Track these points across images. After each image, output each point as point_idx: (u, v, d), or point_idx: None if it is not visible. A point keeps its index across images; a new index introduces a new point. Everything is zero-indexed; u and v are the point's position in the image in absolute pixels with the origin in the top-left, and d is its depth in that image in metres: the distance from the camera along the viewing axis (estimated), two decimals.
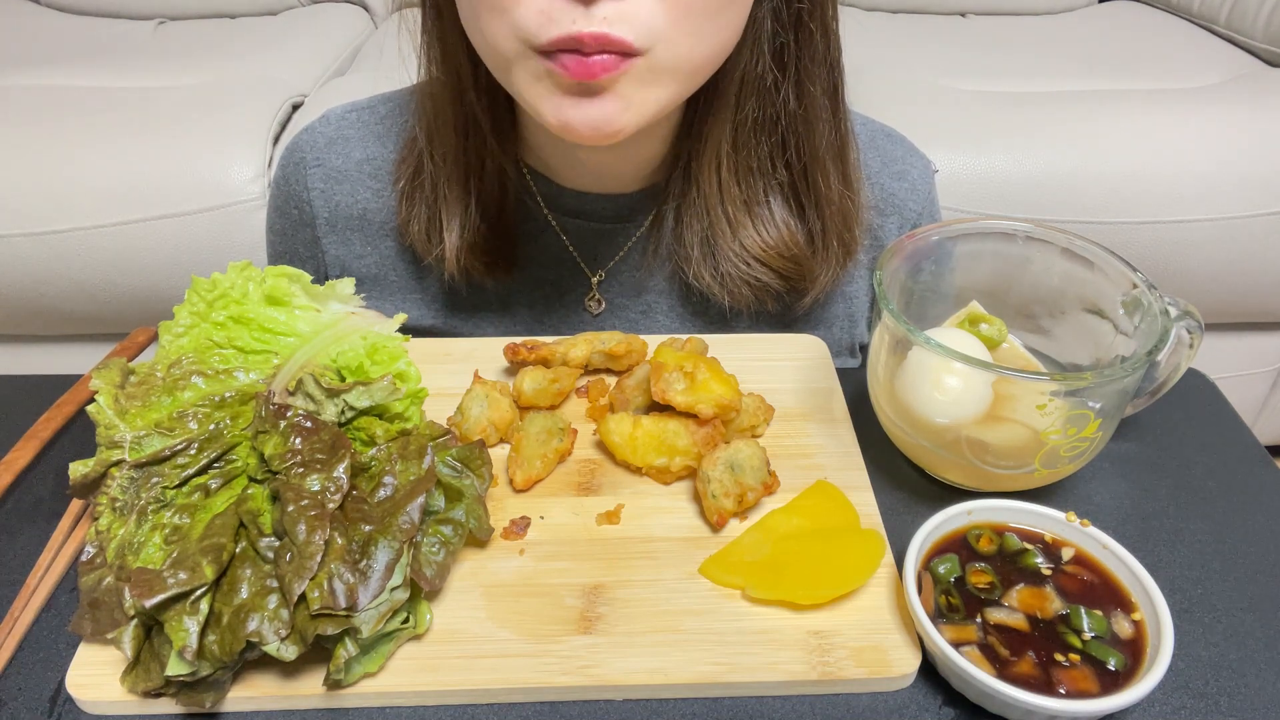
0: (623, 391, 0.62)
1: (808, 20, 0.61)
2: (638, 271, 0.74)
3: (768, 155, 0.66)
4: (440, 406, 0.61)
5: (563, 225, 0.73)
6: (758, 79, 0.62)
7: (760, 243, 0.68)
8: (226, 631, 0.43)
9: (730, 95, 0.63)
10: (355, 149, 0.74)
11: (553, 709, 0.46)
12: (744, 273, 0.68)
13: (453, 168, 0.68)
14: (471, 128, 0.66)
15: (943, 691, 0.47)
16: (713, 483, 0.54)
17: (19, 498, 0.58)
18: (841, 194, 0.68)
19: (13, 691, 0.47)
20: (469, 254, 0.69)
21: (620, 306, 0.75)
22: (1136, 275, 0.56)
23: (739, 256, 0.68)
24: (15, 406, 0.64)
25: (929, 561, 0.49)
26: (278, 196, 0.77)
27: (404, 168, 0.71)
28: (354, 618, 0.43)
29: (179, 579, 0.43)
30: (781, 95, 0.63)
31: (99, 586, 0.47)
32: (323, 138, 0.75)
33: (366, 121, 0.75)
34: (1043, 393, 0.50)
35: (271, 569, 0.45)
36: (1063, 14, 2.00)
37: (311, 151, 0.74)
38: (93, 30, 1.85)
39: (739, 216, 0.67)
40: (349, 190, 0.74)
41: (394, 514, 0.47)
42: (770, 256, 0.68)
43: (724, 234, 0.68)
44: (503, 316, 0.75)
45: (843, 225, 0.69)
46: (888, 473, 0.59)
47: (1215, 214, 1.36)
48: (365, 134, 0.74)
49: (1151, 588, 0.47)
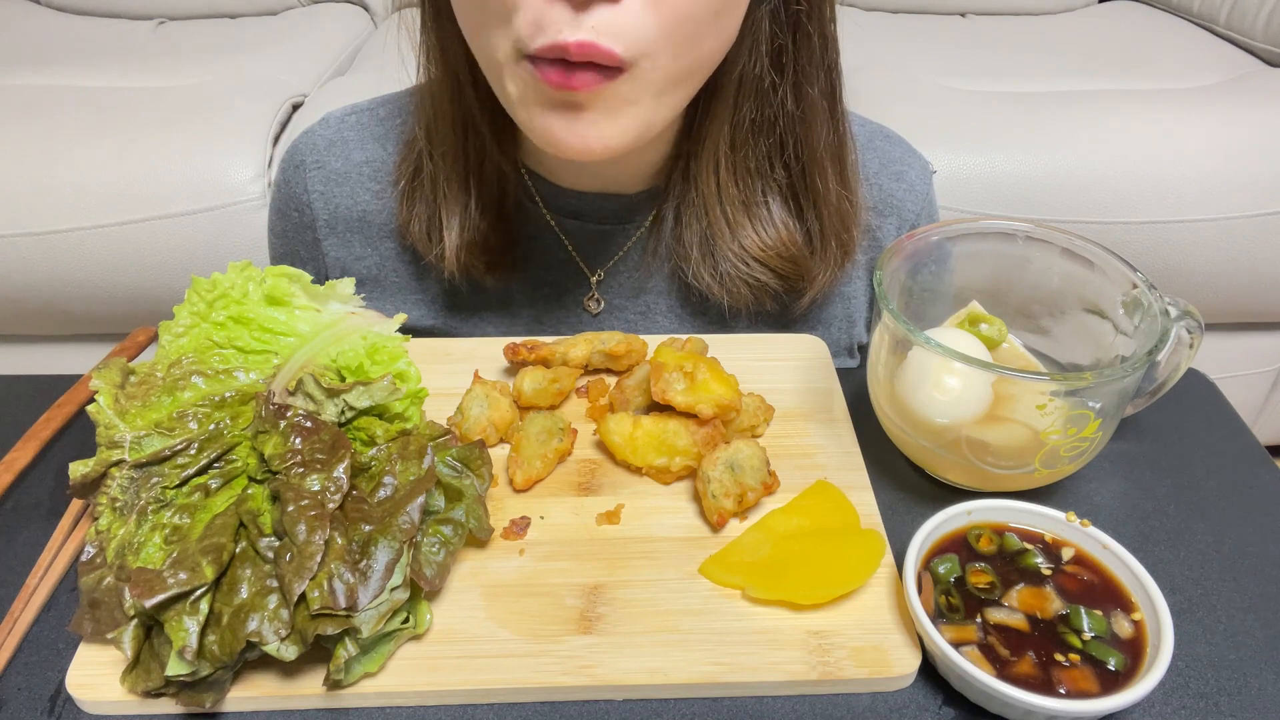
0: (623, 391, 0.62)
1: (806, 22, 0.61)
2: (637, 272, 0.74)
3: (766, 156, 0.66)
4: (440, 406, 0.61)
5: (562, 226, 0.73)
6: (756, 80, 0.62)
7: (759, 243, 0.68)
8: (226, 631, 0.43)
9: (728, 97, 0.63)
10: (355, 151, 0.74)
11: (553, 709, 0.46)
12: (743, 273, 0.69)
13: (452, 168, 0.68)
14: (470, 128, 0.67)
15: (943, 691, 0.47)
16: (713, 483, 0.54)
17: (19, 498, 0.58)
18: (839, 194, 0.68)
19: (13, 691, 0.47)
20: (469, 253, 0.69)
21: (619, 307, 0.75)
22: (1136, 275, 0.56)
23: (738, 256, 0.68)
24: (15, 406, 0.64)
25: (929, 561, 0.49)
26: (278, 199, 0.77)
27: (404, 168, 0.71)
28: (354, 618, 0.43)
29: (179, 579, 0.43)
30: (779, 96, 0.63)
31: (99, 586, 0.47)
32: (322, 140, 0.75)
33: (366, 123, 0.75)
34: (1043, 393, 0.50)
35: (271, 569, 0.45)
36: (1063, 14, 2.00)
37: (311, 154, 0.74)
38: (93, 30, 1.85)
39: (738, 217, 0.68)
40: (349, 192, 0.74)
41: (394, 514, 0.47)
42: (769, 256, 0.68)
43: (723, 234, 0.68)
44: (502, 316, 0.76)
45: (841, 226, 0.69)
46: (888, 473, 0.59)
47: (1215, 214, 1.36)
48: (365, 136, 0.74)
49: (1151, 588, 0.47)
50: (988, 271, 0.62)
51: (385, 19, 2.04)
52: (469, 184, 0.68)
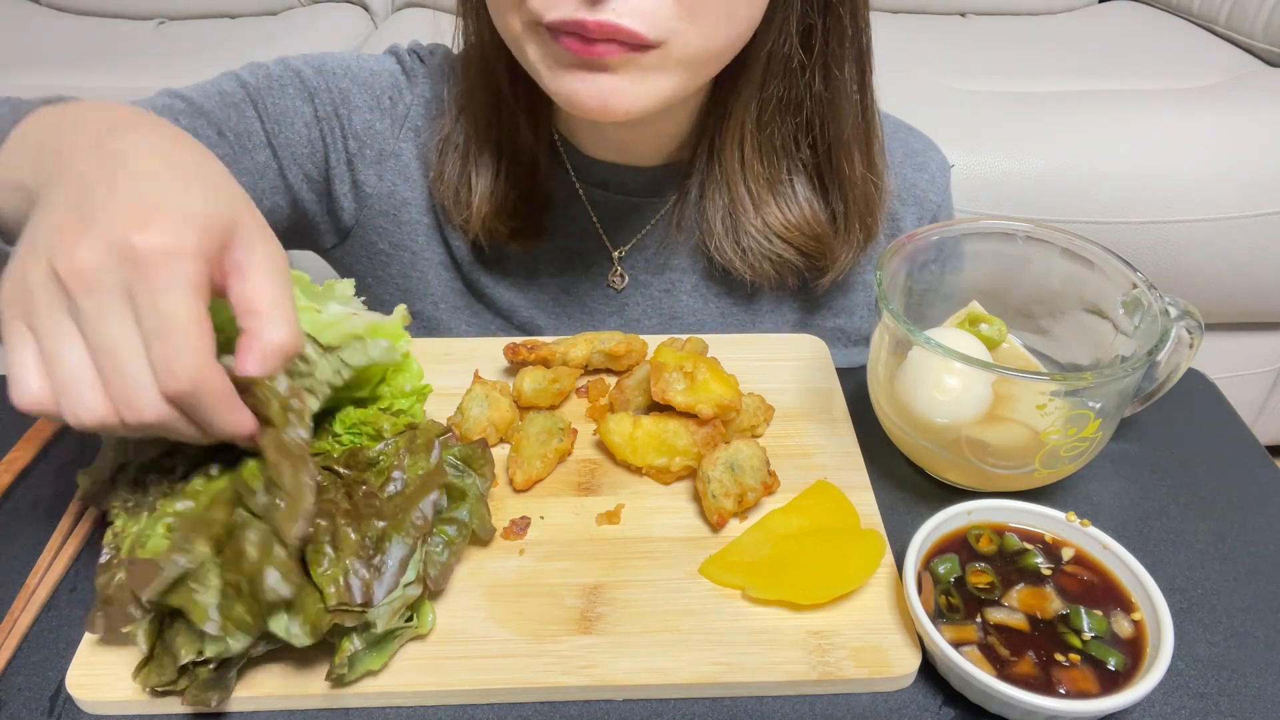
0: (623, 391, 0.62)
1: (837, 4, 0.62)
2: (661, 248, 0.75)
3: (791, 135, 0.67)
4: (440, 406, 0.61)
5: (590, 196, 0.73)
6: (784, 59, 0.63)
7: (783, 220, 0.69)
8: (249, 599, 0.42)
9: (756, 74, 0.63)
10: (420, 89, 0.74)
11: (553, 709, 0.46)
12: (766, 249, 0.70)
13: (485, 134, 0.69)
14: (502, 100, 0.68)
15: (943, 691, 0.47)
16: (713, 483, 0.54)
17: (19, 498, 0.58)
18: (865, 177, 0.69)
19: (13, 691, 0.47)
20: (494, 218, 0.70)
21: (644, 283, 0.76)
22: (1136, 275, 0.56)
23: (761, 233, 0.69)
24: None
25: (929, 561, 0.49)
26: (380, 75, 0.73)
27: (440, 131, 0.71)
28: (368, 613, 0.44)
29: (175, 563, 0.43)
30: (807, 77, 0.64)
31: (111, 583, 0.46)
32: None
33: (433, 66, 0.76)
34: (1043, 393, 0.50)
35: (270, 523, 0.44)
36: (1063, 14, 2.00)
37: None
38: (93, 30, 1.85)
39: (761, 194, 0.69)
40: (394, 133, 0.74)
41: (406, 510, 0.47)
42: (792, 234, 0.69)
43: (746, 210, 0.69)
44: (529, 288, 0.76)
45: (865, 209, 0.70)
46: (888, 473, 0.59)
47: (1215, 214, 1.36)
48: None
49: (1151, 588, 0.47)
50: (988, 271, 0.62)
51: (385, 19, 2.04)
52: (501, 151, 0.69)
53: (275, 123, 0.69)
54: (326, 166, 0.72)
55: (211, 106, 0.67)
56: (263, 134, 0.68)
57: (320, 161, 0.72)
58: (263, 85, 0.69)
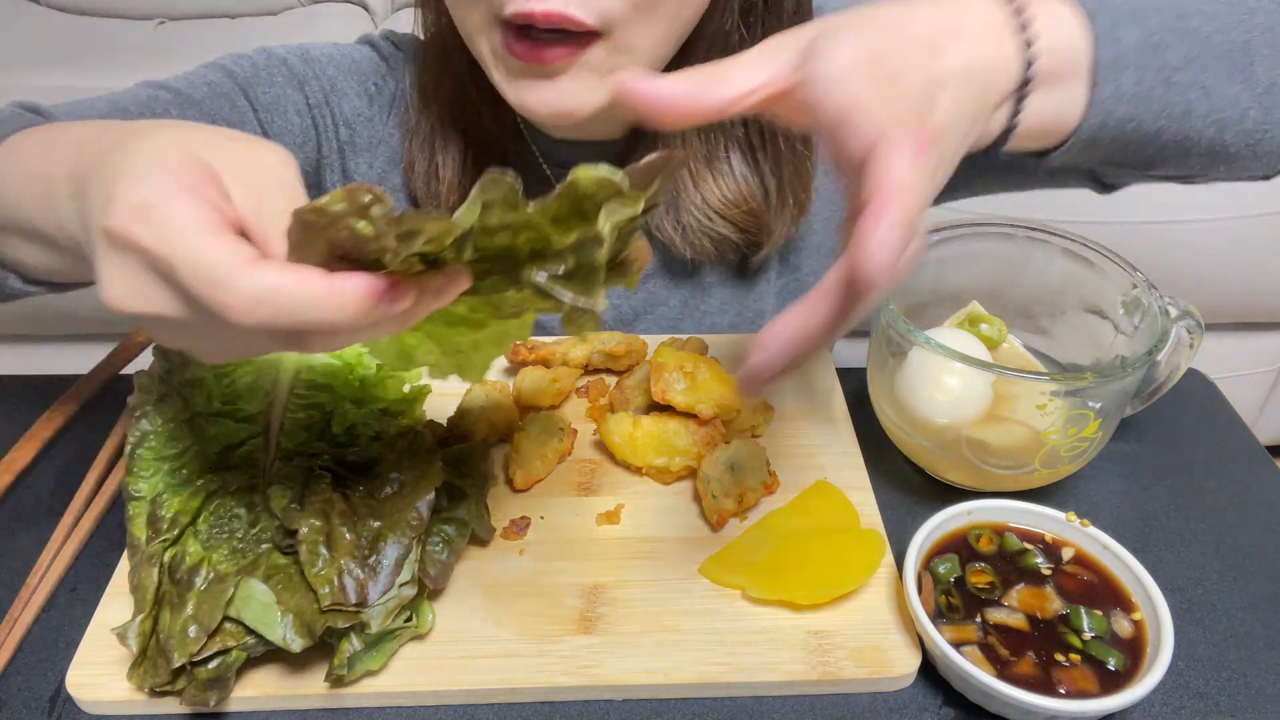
0: (623, 391, 0.62)
1: None
2: None
3: None
4: (440, 406, 0.61)
5: (558, 178, 0.73)
6: (724, 37, 0.63)
7: (720, 196, 0.69)
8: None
9: (697, 51, 0.64)
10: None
11: (553, 709, 0.46)
12: (705, 226, 0.70)
13: (449, 124, 0.69)
14: (465, 86, 0.68)
15: (943, 691, 0.47)
16: (713, 483, 0.54)
17: (19, 498, 0.58)
18: (798, 152, 0.69)
19: (13, 691, 0.47)
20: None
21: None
22: (1136, 275, 0.56)
23: (700, 210, 0.69)
24: (15, 406, 0.64)
25: (929, 561, 0.49)
26: (370, 65, 0.74)
27: (402, 112, 0.71)
28: (362, 613, 0.44)
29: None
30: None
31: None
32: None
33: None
34: (1043, 393, 0.50)
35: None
36: None
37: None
38: (93, 30, 1.85)
39: (699, 169, 0.69)
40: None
41: (402, 510, 0.47)
42: (729, 210, 0.70)
43: (685, 186, 0.69)
44: None
45: (798, 182, 0.70)
46: (888, 473, 0.59)
47: (1215, 214, 1.36)
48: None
49: (1151, 588, 0.47)
50: (988, 271, 0.62)
51: (385, 19, 2.04)
52: (466, 141, 0.69)
53: (268, 112, 0.69)
54: (319, 155, 0.72)
55: (201, 97, 0.67)
56: (256, 124, 0.68)
57: (312, 151, 0.72)
58: (250, 75, 0.69)
